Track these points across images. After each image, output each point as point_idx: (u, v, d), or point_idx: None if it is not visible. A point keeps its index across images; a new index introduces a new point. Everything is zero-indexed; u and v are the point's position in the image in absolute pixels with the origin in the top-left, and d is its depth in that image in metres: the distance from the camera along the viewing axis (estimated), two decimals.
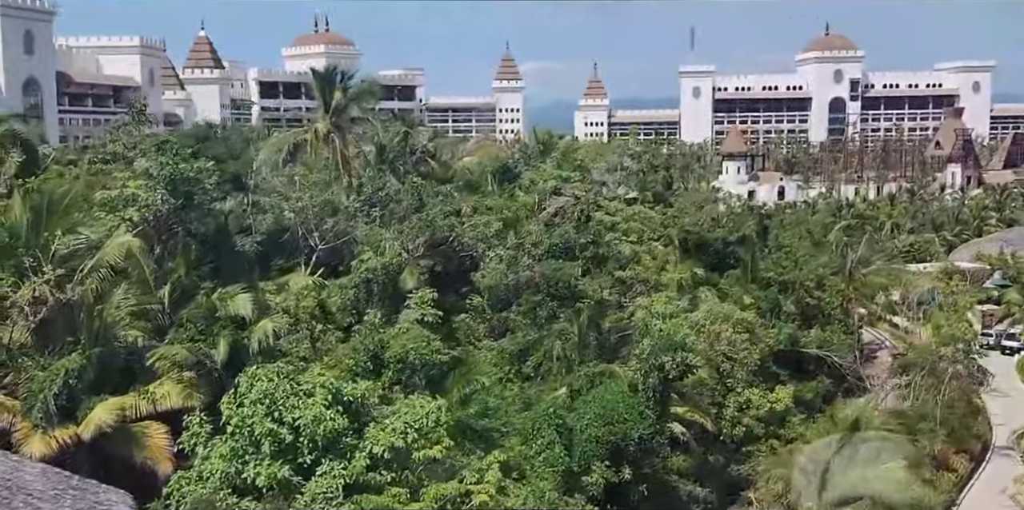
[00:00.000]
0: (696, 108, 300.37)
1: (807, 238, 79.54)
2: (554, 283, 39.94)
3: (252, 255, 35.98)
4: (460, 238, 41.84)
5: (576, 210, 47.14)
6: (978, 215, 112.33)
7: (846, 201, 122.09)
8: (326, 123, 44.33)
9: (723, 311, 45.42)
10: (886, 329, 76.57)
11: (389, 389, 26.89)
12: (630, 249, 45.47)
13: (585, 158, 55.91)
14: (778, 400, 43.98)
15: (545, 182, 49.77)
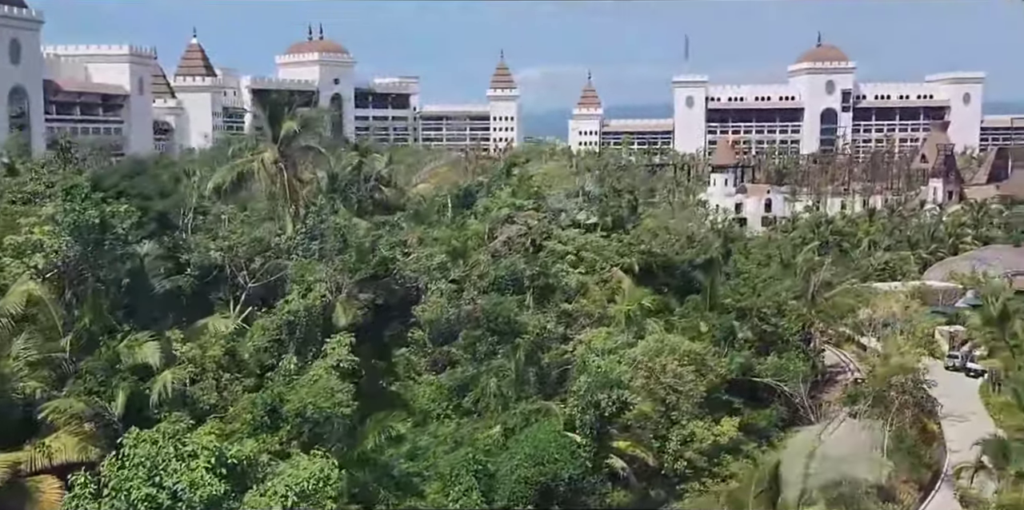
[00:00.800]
0: (689, 118, 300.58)
1: (776, 258, 79.49)
2: (494, 318, 39.91)
3: (177, 298, 35.86)
4: (402, 271, 41.80)
5: (526, 240, 47.12)
6: (954, 232, 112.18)
7: (825, 217, 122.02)
8: (273, 152, 44.28)
9: (670, 343, 45.36)
10: (853, 351, 76.52)
11: (287, 444, 26.86)
12: (576, 280, 45.35)
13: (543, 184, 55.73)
14: (722, 433, 43.90)
15: (499, 210, 49.75)
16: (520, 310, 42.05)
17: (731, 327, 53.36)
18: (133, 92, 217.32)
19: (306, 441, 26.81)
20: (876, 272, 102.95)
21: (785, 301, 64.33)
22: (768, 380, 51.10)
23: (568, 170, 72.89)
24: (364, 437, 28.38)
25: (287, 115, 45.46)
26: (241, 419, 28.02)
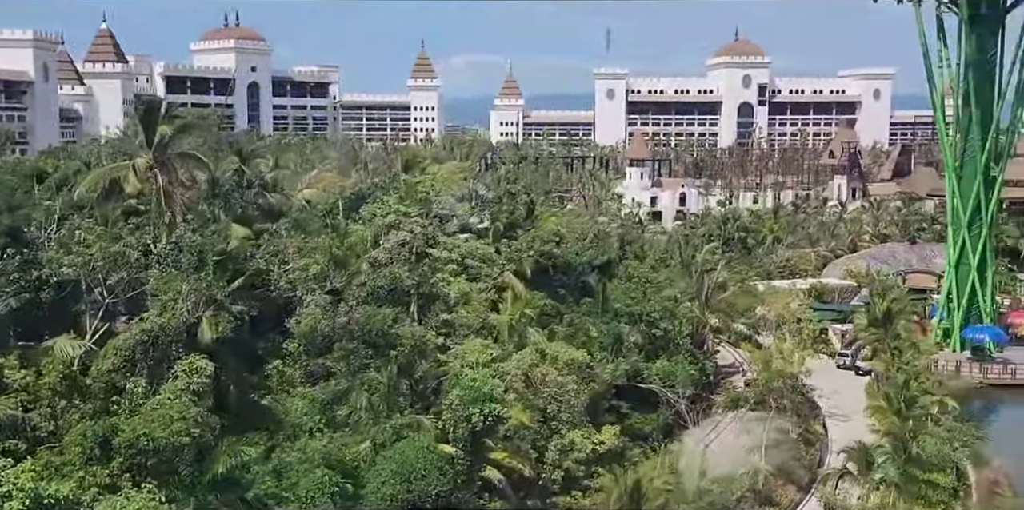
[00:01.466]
0: (610, 110, 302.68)
1: (675, 257, 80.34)
2: (368, 329, 39.55)
3: (29, 317, 34.67)
4: (277, 282, 41.18)
5: (411, 247, 46.77)
6: (853, 230, 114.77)
7: (732, 214, 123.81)
8: (147, 158, 43.06)
9: (552, 351, 45.53)
10: (749, 350, 77.78)
11: (120, 477, 26.21)
12: (458, 289, 45.17)
13: (438, 186, 55.28)
14: (601, 442, 44.24)
15: (384, 216, 49.31)
16: (399, 321, 41.71)
17: (619, 333, 53.78)
18: (38, 79, 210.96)
19: (148, 471, 26.10)
20: (778, 269, 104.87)
21: (677, 304, 65.23)
22: (652, 386, 51.61)
23: (468, 170, 72.33)
24: (215, 461, 27.84)
25: (163, 119, 44.28)
26: (71, 451, 27.25)
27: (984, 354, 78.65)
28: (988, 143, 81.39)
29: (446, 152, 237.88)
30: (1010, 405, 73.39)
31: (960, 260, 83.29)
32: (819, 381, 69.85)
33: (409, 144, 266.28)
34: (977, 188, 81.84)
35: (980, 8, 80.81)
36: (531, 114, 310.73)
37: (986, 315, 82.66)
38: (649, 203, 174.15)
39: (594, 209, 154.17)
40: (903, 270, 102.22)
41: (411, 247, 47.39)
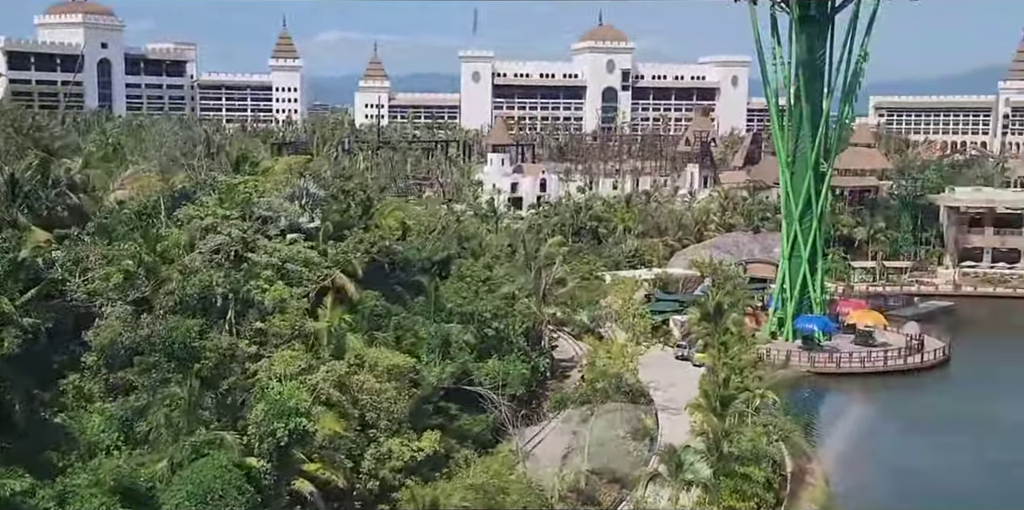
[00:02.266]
0: (476, 93, 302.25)
1: (519, 250, 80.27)
2: (170, 341, 38.11)
3: None
4: (74, 292, 39.27)
5: (226, 252, 45.24)
6: (700, 219, 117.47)
7: (585, 204, 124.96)
8: None
9: (371, 357, 44.86)
10: (591, 343, 78.69)
11: None
12: (274, 296, 43.96)
13: (256, 190, 53.30)
14: (420, 449, 43.92)
15: (202, 219, 47.56)
16: (208, 331, 40.32)
17: (447, 334, 53.51)
18: None
19: None
20: (627, 259, 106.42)
21: (515, 301, 65.39)
22: (476, 389, 51.55)
23: (305, 164, 70.52)
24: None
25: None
26: None
27: (813, 343, 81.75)
28: (817, 139, 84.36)
29: (307, 134, 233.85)
30: (835, 393, 76.66)
31: (792, 252, 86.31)
32: (657, 373, 71.35)
33: (269, 126, 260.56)
34: (808, 183, 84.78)
35: (810, 9, 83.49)
36: (396, 96, 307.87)
37: (816, 305, 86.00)
38: (510, 189, 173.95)
39: (454, 196, 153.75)
40: (745, 260, 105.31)
41: (228, 252, 45.81)
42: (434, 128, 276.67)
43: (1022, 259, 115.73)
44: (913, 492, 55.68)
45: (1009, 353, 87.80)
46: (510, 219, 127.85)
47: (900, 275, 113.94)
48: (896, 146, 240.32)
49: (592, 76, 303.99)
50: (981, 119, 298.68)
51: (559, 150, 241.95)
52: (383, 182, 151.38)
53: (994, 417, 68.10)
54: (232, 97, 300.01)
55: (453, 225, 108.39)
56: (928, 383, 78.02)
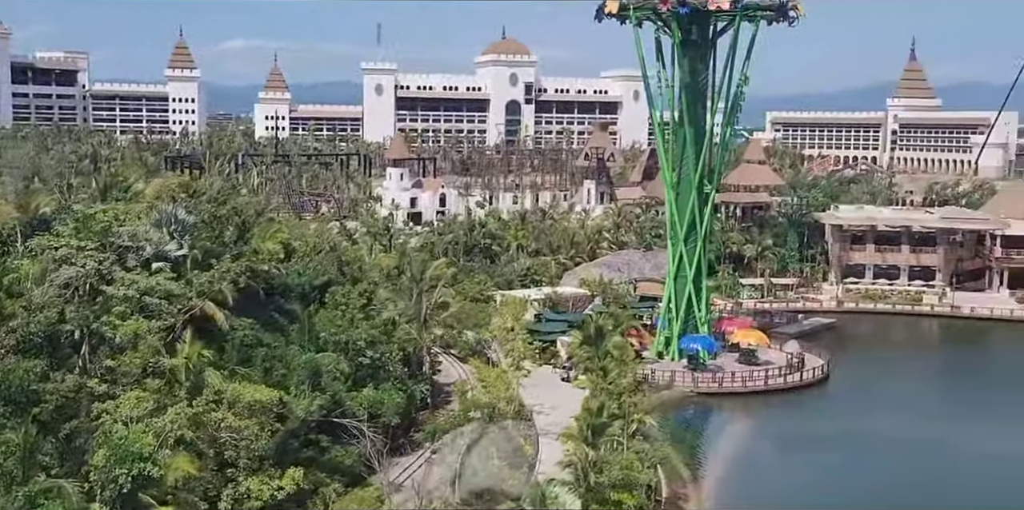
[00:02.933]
0: (379, 105, 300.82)
1: (405, 272, 79.26)
2: (6, 385, 36.30)
3: None
4: None
5: (78, 285, 43.45)
6: (593, 237, 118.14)
7: (479, 221, 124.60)
8: None
9: (232, 393, 43.52)
10: (477, 365, 78.26)
11: None
12: (126, 331, 42.31)
13: (116, 219, 51.32)
14: (281, 487, 42.75)
15: (56, 250, 45.62)
16: (53, 371, 38.54)
17: (317, 364, 52.40)
18: None
19: None
20: (519, 278, 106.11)
21: (395, 326, 64.52)
22: (345, 420, 50.54)
23: (183, 187, 68.48)
24: None
25: None
26: None
27: (698, 363, 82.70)
28: (701, 161, 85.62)
29: (203, 147, 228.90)
30: (718, 413, 77.69)
31: (678, 272, 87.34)
32: (543, 395, 71.35)
33: (164, 138, 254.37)
34: (692, 204, 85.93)
35: (691, 33, 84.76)
36: (298, 108, 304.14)
37: (701, 325, 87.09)
38: (409, 204, 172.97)
39: (350, 212, 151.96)
40: (635, 278, 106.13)
41: (81, 285, 43.98)
42: (336, 141, 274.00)
43: (901, 275, 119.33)
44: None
45: (884, 369, 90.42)
46: (407, 235, 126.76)
47: (787, 292, 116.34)
48: (791, 161, 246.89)
49: (495, 89, 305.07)
50: (872, 134, 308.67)
51: (462, 163, 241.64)
52: (277, 198, 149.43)
53: (868, 434, 69.84)
54: (127, 107, 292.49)
55: (344, 244, 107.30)
56: (807, 401, 79.64)
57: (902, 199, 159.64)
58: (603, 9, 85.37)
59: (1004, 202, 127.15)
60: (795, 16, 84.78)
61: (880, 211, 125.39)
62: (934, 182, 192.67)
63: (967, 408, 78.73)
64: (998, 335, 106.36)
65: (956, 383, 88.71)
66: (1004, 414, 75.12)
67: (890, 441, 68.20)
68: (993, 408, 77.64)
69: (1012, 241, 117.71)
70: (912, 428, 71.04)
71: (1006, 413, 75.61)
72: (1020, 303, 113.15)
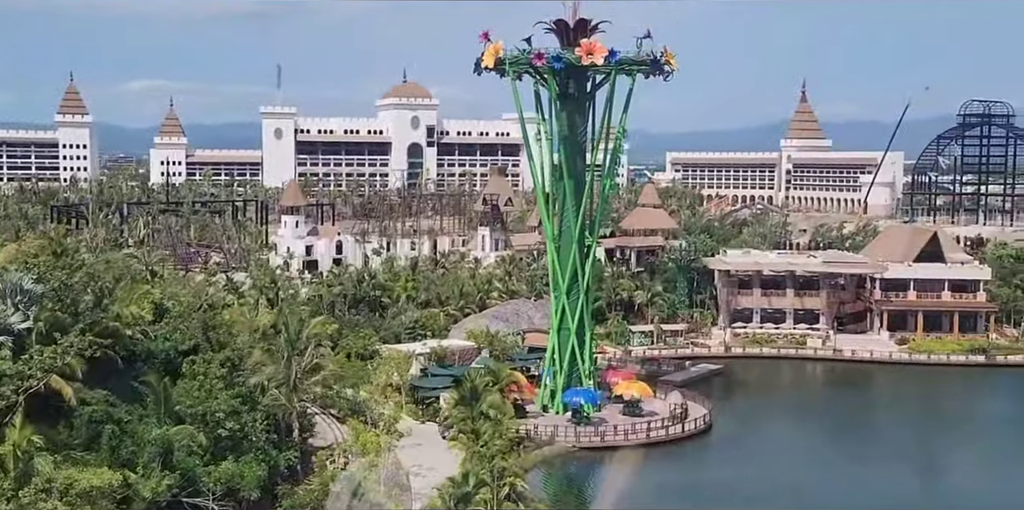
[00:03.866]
0: (278, 150, 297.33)
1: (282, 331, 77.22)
2: None
3: None
4: None
5: None
6: (482, 287, 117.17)
7: (368, 272, 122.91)
8: None
9: (64, 480, 41.25)
10: (355, 427, 76.28)
11: None
12: None
13: None
14: None
15: None
16: None
17: (169, 440, 50.26)
18: None
19: None
20: (407, 331, 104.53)
21: (263, 393, 62.61)
22: (197, 499, 48.45)
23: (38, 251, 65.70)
24: None
25: None
26: None
27: (581, 416, 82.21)
28: (581, 213, 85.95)
29: (92, 195, 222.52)
30: (601, 467, 77.10)
31: (561, 325, 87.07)
32: (423, 455, 69.95)
33: (52, 186, 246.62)
34: (573, 257, 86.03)
35: (568, 87, 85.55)
36: (195, 153, 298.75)
37: (586, 378, 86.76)
38: (304, 252, 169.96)
39: (240, 263, 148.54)
40: (523, 329, 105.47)
41: None
42: (234, 186, 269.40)
43: (787, 319, 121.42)
44: None
45: (766, 415, 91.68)
46: (297, 287, 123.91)
47: (676, 338, 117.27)
48: (689, 201, 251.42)
49: (397, 132, 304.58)
50: (767, 174, 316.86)
51: (363, 208, 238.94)
52: (161, 251, 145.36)
53: (744, 483, 70.26)
54: (14, 154, 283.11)
55: (226, 300, 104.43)
56: (688, 452, 79.65)
57: (789, 242, 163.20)
58: (480, 63, 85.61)
59: (882, 245, 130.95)
60: (669, 70, 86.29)
61: (766, 255, 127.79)
62: (820, 224, 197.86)
63: (839, 453, 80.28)
64: (878, 378, 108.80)
65: (833, 427, 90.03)
66: (874, 456, 77.09)
67: (766, 490, 68.70)
68: (866, 451, 79.35)
69: (890, 284, 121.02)
70: (785, 476, 71.92)
71: (877, 455, 77.54)
72: (899, 345, 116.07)
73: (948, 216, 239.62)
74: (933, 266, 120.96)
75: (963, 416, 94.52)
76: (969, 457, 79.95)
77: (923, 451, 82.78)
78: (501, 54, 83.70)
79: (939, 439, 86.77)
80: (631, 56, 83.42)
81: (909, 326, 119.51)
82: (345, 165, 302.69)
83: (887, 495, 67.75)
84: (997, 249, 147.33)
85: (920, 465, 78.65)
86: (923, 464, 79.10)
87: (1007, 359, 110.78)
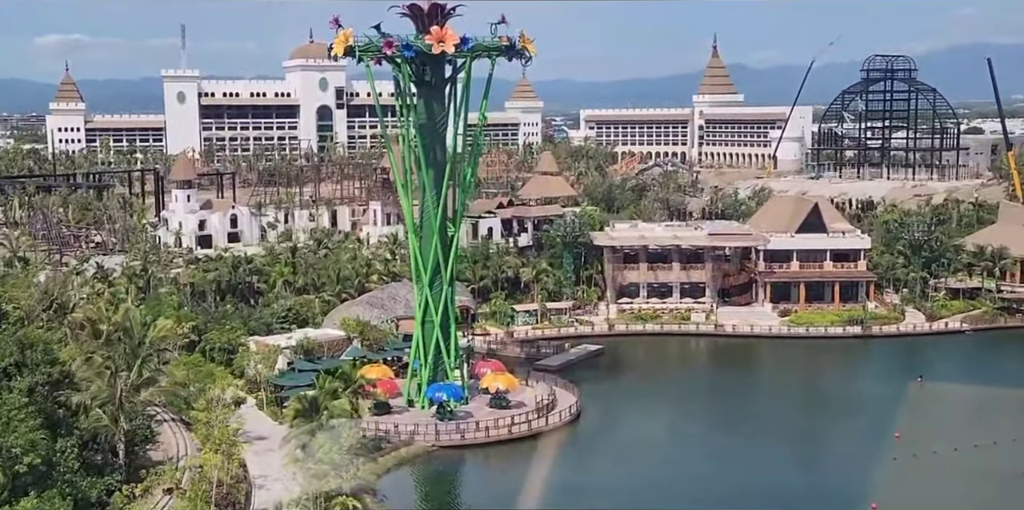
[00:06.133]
0: (182, 114, 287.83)
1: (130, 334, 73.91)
2: None
3: None
4: None
5: None
6: (361, 271, 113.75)
7: (244, 256, 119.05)
8: None
9: None
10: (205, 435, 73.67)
11: None
12: None
13: None
14: None
15: None
16: None
17: None
18: None
19: None
20: (279, 321, 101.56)
21: (85, 415, 59.96)
22: None
23: None
24: None
25: None
26: None
27: (445, 412, 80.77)
28: (442, 204, 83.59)
29: None
30: (456, 469, 75.87)
31: (425, 318, 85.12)
32: (272, 462, 67.77)
33: None
34: (435, 248, 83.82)
35: (424, 74, 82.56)
36: (94, 119, 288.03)
37: (451, 371, 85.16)
38: (197, 227, 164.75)
39: (121, 245, 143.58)
40: (397, 316, 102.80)
41: None
42: (133, 154, 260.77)
43: (674, 293, 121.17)
44: None
45: (639, 400, 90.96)
46: (173, 272, 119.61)
47: (561, 316, 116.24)
48: (598, 163, 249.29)
49: (305, 95, 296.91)
50: (680, 130, 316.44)
51: (269, 175, 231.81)
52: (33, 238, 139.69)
53: (598, 484, 69.65)
54: None
55: (85, 294, 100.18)
56: (550, 447, 78.41)
57: (685, 210, 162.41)
58: (331, 49, 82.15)
59: (767, 215, 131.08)
60: (529, 56, 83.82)
61: (652, 229, 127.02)
62: (716, 186, 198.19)
63: (706, 440, 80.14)
64: (756, 353, 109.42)
65: (704, 410, 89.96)
66: (739, 443, 77.75)
67: (622, 488, 68.25)
68: (732, 436, 79.77)
69: (774, 255, 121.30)
70: (643, 472, 71.45)
71: (741, 441, 78.37)
72: (782, 316, 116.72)
73: (855, 170, 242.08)
74: (814, 237, 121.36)
75: (833, 393, 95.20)
76: (827, 436, 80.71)
77: (788, 434, 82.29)
78: (351, 42, 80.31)
79: (805, 420, 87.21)
80: (485, 43, 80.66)
81: (793, 297, 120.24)
82: (252, 129, 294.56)
83: (738, 486, 67.56)
84: (885, 213, 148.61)
85: (780, 452, 78.35)
86: (783, 451, 78.88)
87: (882, 330, 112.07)
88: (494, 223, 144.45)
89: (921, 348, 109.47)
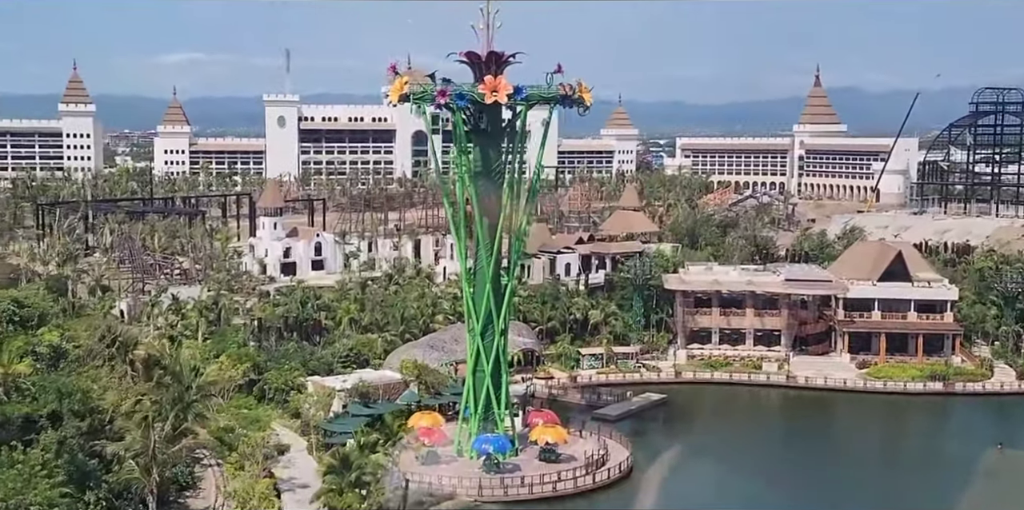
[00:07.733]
0: (282, 137, 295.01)
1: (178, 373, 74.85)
2: None
3: None
4: None
5: None
6: (426, 310, 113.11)
7: (313, 291, 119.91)
8: None
9: None
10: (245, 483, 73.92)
11: None
12: None
13: None
14: None
15: None
16: None
17: None
18: None
19: None
20: (340, 361, 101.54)
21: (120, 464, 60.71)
22: None
23: None
24: None
25: None
26: None
27: (492, 464, 79.28)
28: (495, 254, 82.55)
29: (86, 190, 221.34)
30: None
31: (476, 367, 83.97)
32: None
33: (48, 179, 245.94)
34: (487, 297, 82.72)
35: (480, 121, 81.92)
36: (198, 142, 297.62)
37: (500, 422, 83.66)
38: (282, 255, 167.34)
39: (204, 275, 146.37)
40: (456, 360, 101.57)
41: None
42: (231, 177, 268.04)
43: (746, 339, 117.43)
44: None
45: (696, 456, 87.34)
46: (246, 304, 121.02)
47: (628, 361, 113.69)
48: (689, 194, 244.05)
49: (401, 119, 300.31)
50: (779, 160, 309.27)
51: (363, 200, 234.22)
52: (118, 265, 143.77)
53: None
54: (19, 144, 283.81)
55: (160, 327, 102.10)
56: (595, 506, 76.26)
57: (768, 253, 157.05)
58: (387, 96, 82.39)
59: (851, 260, 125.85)
60: (587, 105, 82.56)
61: (726, 273, 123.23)
62: (806, 229, 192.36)
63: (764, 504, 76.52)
64: (828, 408, 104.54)
65: (764, 470, 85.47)
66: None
67: None
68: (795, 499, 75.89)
69: (854, 304, 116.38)
70: None
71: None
72: (860, 368, 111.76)
73: (961, 205, 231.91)
74: (897, 286, 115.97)
75: (910, 454, 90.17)
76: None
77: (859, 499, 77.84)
78: (406, 90, 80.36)
79: (879, 483, 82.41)
80: (540, 92, 79.62)
81: (873, 348, 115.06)
82: (349, 153, 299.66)
83: None
84: (981, 260, 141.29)
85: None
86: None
87: (965, 387, 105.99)
88: (572, 259, 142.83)
89: (1009, 410, 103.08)
